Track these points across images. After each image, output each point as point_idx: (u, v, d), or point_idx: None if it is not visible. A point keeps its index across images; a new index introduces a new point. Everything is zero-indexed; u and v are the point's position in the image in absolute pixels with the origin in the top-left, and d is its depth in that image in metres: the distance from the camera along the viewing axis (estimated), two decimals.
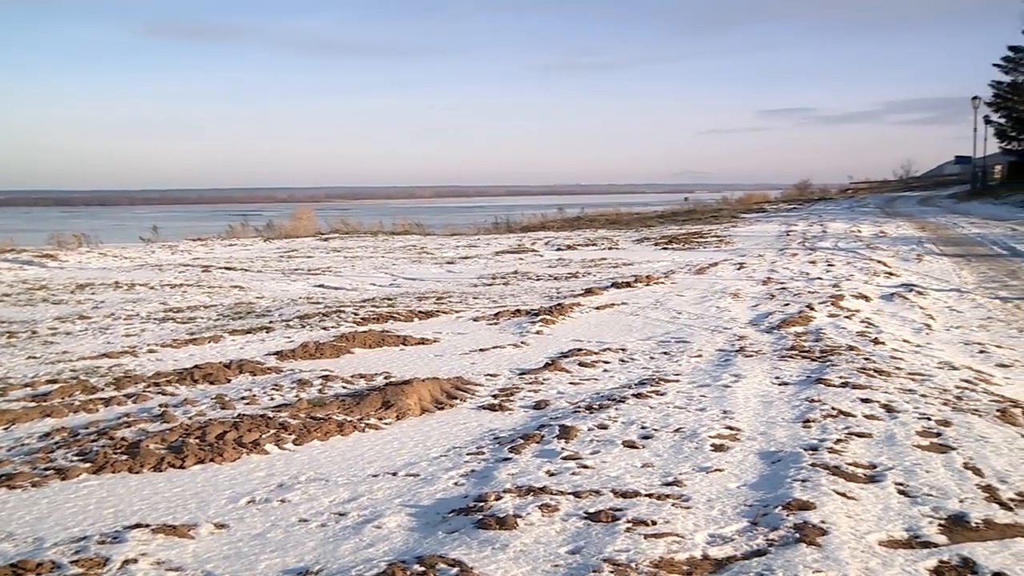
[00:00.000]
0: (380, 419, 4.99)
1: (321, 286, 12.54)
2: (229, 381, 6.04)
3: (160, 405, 5.34)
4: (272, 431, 4.64)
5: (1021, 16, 42.00)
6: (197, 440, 4.47)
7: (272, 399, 5.47)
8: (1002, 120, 46.19)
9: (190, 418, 4.99)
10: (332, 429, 4.73)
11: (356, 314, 9.07)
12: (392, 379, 5.91)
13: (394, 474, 4.04)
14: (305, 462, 4.26)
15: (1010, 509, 3.43)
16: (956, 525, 3.26)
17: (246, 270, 15.11)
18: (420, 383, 5.54)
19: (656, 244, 19.28)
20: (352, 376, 6.08)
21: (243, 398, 5.49)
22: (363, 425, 4.85)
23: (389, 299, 10.67)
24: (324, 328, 8.22)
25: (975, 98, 45.78)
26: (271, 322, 8.77)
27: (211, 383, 5.97)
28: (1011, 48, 44.81)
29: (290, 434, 4.62)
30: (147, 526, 3.41)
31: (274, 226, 28.49)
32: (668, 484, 3.72)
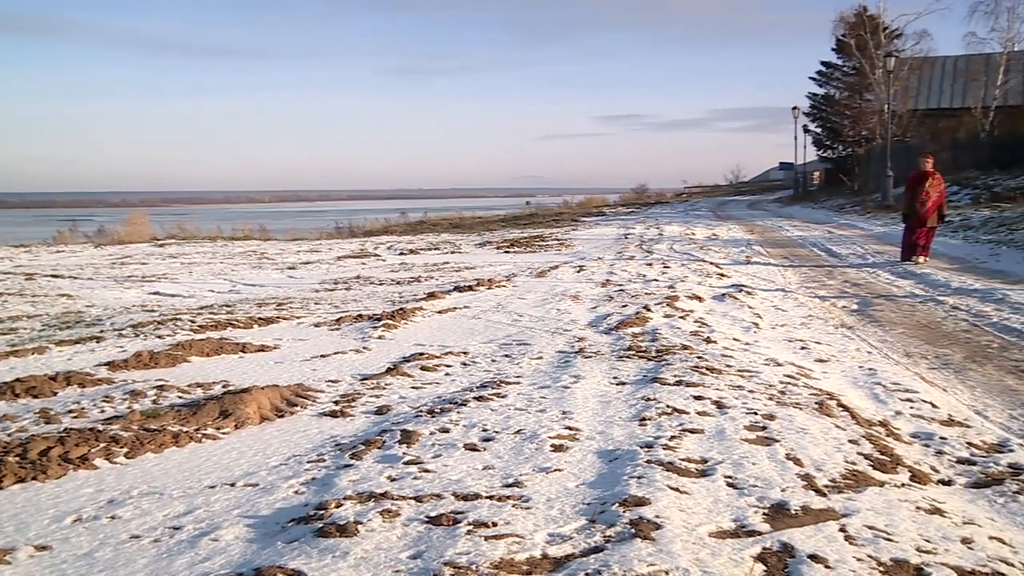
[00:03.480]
0: (218, 429, 4.85)
1: (157, 293, 12.07)
2: (55, 394, 5.73)
3: None
4: (102, 445, 4.44)
5: (831, 35, 44.83)
6: (17, 458, 4.22)
7: (103, 412, 5.23)
8: (819, 130, 48.98)
9: (9, 435, 4.71)
10: (167, 441, 4.56)
11: (193, 322, 8.79)
12: (231, 387, 5.76)
13: (232, 485, 3.94)
14: (138, 476, 4.10)
15: (824, 495, 3.66)
16: (778, 513, 3.45)
17: (75, 278, 14.37)
18: (260, 391, 5.43)
19: (498, 248, 19.47)
20: (189, 385, 5.89)
21: (70, 411, 5.22)
22: (200, 435, 4.71)
23: (228, 306, 10.38)
24: (159, 337, 7.92)
25: (794, 108, 48.50)
26: (102, 331, 8.38)
27: (34, 397, 5.65)
28: (823, 63, 47.69)
29: (122, 447, 4.44)
30: None
31: (106, 231, 27.19)
32: (509, 485, 3.78)
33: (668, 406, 5.02)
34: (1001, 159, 29.74)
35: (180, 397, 5.58)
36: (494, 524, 3.32)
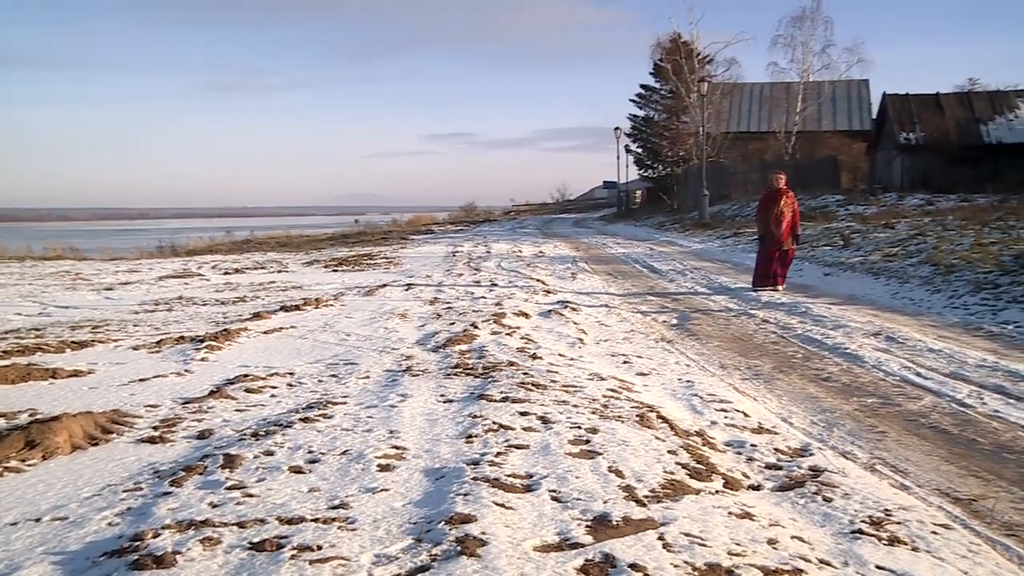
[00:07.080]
0: (23, 461, 4.57)
1: None
2: None
3: None
4: None
5: (649, 59, 47.08)
6: None
7: None
8: (640, 150, 50.91)
9: None
10: None
11: None
12: (39, 416, 5.43)
13: (37, 520, 3.72)
14: None
15: (644, 505, 3.80)
16: (600, 525, 3.55)
17: None
18: (71, 418, 5.14)
19: (326, 266, 19.20)
20: None
21: None
22: (1, 469, 4.41)
23: (37, 329, 9.78)
24: None
25: (616, 129, 50.21)
26: None
27: None
28: (643, 86, 49.75)
29: None
30: None
31: None
32: (334, 507, 3.74)
33: (494, 422, 5.08)
34: (803, 180, 31.80)
35: None
36: (319, 547, 3.28)
